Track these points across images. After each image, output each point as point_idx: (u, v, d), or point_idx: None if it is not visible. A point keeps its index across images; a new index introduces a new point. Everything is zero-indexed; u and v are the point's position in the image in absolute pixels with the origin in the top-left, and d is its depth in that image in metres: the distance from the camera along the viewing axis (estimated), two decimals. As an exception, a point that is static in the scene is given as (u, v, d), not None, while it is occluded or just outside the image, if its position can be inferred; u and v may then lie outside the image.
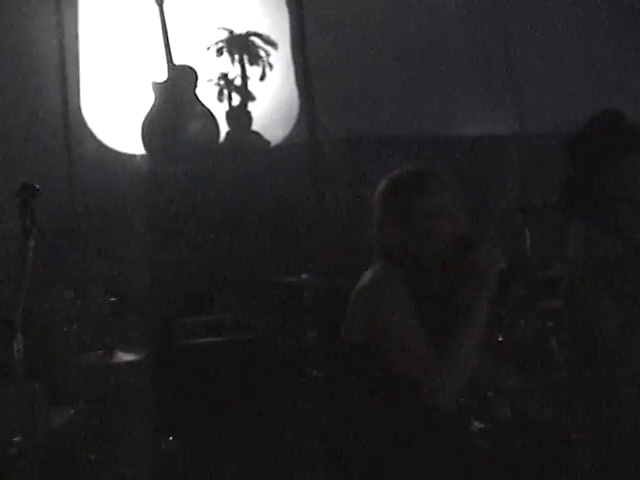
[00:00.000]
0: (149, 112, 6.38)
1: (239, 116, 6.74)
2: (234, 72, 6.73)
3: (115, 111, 6.38)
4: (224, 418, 5.84)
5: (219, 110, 6.65)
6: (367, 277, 2.71)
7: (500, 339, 4.62)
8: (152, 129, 6.39)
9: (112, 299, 4.47)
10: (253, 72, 6.77)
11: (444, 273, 2.74)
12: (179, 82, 6.43)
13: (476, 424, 4.23)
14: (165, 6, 6.36)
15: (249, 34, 6.74)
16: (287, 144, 6.82)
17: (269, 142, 6.81)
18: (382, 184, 2.77)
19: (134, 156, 6.43)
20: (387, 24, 6.87)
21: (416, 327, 2.59)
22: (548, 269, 5.68)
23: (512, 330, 4.64)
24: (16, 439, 3.39)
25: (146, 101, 6.41)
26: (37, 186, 2.68)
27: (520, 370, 4.44)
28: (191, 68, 6.46)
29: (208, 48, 6.63)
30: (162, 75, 6.42)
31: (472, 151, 7.12)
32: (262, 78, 6.79)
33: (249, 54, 6.72)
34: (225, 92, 6.69)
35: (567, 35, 7.25)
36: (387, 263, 2.71)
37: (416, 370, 2.54)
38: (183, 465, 5.48)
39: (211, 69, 6.64)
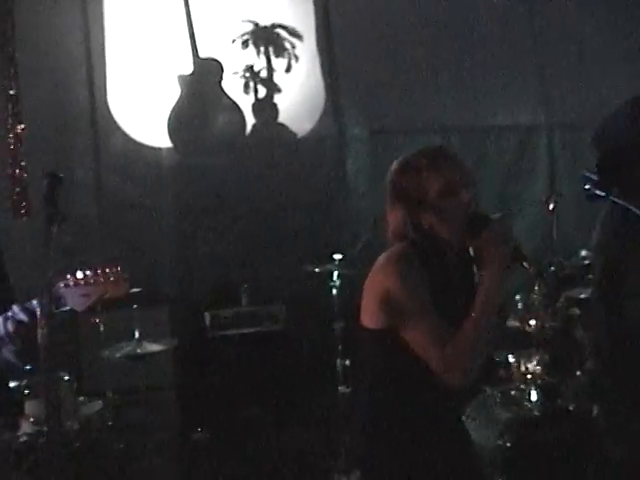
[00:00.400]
0: (175, 105, 6.41)
1: (265, 108, 6.72)
2: (260, 64, 6.71)
3: (142, 105, 6.39)
4: (253, 410, 5.87)
5: (245, 102, 6.65)
6: (380, 260, 2.69)
7: (530, 326, 4.59)
8: (178, 122, 6.41)
9: (135, 290, 4.45)
10: (279, 64, 6.75)
11: (458, 252, 2.73)
12: (205, 75, 6.45)
13: (502, 413, 4.23)
14: (190, -1, 6.38)
15: (274, 26, 6.72)
16: (313, 136, 6.79)
17: (295, 134, 6.78)
18: (394, 165, 2.74)
19: (161, 149, 6.44)
20: (413, 15, 6.83)
21: (429, 307, 2.58)
22: (574, 258, 5.66)
23: (540, 318, 4.59)
24: (45, 428, 3.41)
25: (172, 94, 6.43)
26: (61, 175, 2.71)
27: (548, 358, 4.43)
28: (217, 61, 6.48)
29: (233, 41, 6.61)
30: (188, 68, 6.44)
31: (499, 141, 7.12)
32: (288, 70, 6.76)
33: (275, 46, 6.71)
34: (251, 84, 6.67)
35: (594, 25, 7.15)
36: (400, 245, 2.70)
37: (430, 350, 2.55)
38: (211, 456, 5.50)
39: (237, 61, 6.62)
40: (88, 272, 2.74)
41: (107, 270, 2.76)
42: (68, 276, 2.71)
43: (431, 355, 2.55)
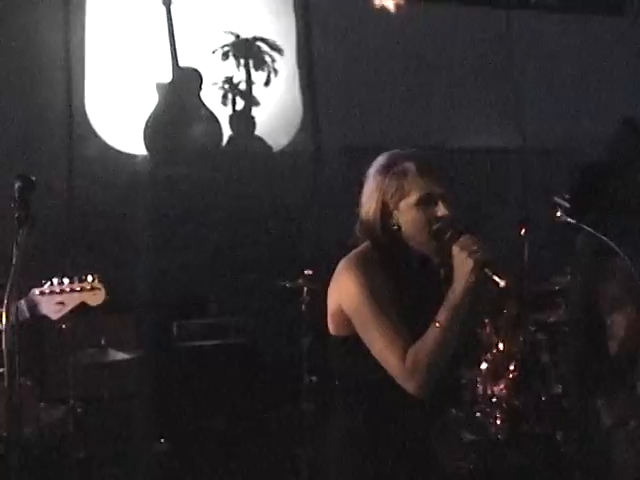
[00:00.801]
0: (152, 113, 6.37)
1: (242, 121, 6.72)
2: (239, 76, 6.71)
3: (119, 111, 6.35)
4: (217, 421, 5.82)
5: (223, 114, 6.64)
6: (341, 264, 2.67)
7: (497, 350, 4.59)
8: (155, 130, 6.38)
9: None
10: (258, 77, 6.75)
11: (424, 261, 2.69)
12: (184, 84, 6.42)
13: (467, 435, 4.22)
14: (172, 8, 6.37)
15: (255, 39, 6.72)
16: (289, 150, 6.81)
17: (272, 148, 6.80)
18: (380, 158, 2.70)
19: (136, 157, 6.41)
20: (393, 34, 6.87)
21: (389, 313, 2.55)
22: (544, 282, 5.67)
23: (507, 341, 4.59)
24: (4, 434, 3.36)
25: (150, 102, 6.40)
26: (33, 178, 2.69)
27: (514, 381, 4.42)
28: (196, 71, 6.46)
29: (214, 51, 6.61)
30: (167, 76, 6.42)
31: (474, 164, 7.12)
32: (267, 83, 6.78)
33: (254, 59, 6.71)
34: (229, 96, 6.66)
35: (570, 49, 7.24)
36: (362, 247, 2.68)
37: (389, 357, 2.52)
38: (173, 467, 5.45)
39: (216, 72, 6.62)
40: (65, 280, 2.72)
41: (84, 278, 2.74)
42: (44, 282, 2.69)
43: (390, 363, 2.52)
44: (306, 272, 5.56)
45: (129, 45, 6.35)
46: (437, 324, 2.49)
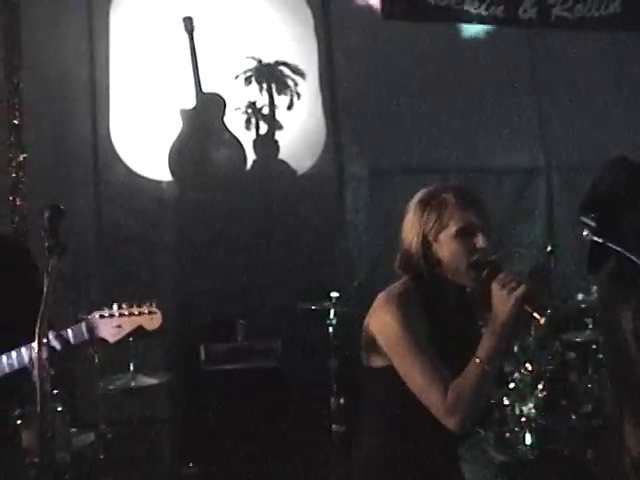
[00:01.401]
0: (177, 139, 6.44)
1: (266, 144, 6.74)
2: (262, 101, 6.74)
3: (144, 137, 6.41)
4: (246, 446, 5.79)
5: (246, 138, 6.68)
6: (380, 297, 2.68)
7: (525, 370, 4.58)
8: (180, 156, 6.44)
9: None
10: (281, 101, 6.77)
11: (460, 294, 2.72)
12: (207, 110, 6.48)
13: (497, 456, 4.20)
14: (195, 34, 6.44)
15: (277, 63, 6.76)
16: (313, 173, 6.80)
17: (295, 171, 6.80)
18: (419, 194, 2.74)
19: (161, 182, 6.47)
20: (414, 57, 6.86)
21: (429, 348, 2.57)
22: (571, 302, 5.65)
23: (535, 361, 4.58)
24: (36, 460, 3.39)
25: (174, 128, 6.46)
26: (62, 207, 2.75)
27: (543, 401, 4.41)
28: (219, 96, 6.52)
29: (237, 77, 6.65)
30: (191, 102, 6.48)
31: (497, 183, 7.13)
32: (290, 107, 6.79)
33: (277, 83, 6.74)
34: (253, 120, 6.70)
35: (594, 68, 7.20)
36: (401, 281, 2.71)
37: (429, 394, 2.54)
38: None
39: (239, 97, 6.65)
40: (123, 305, 2.82)
41: (141, 304, 2.84)
42: (104, 307, 2.78)
43: (430, 399, 2.54)
44: (332, 294, 5.62)
45: (152, 72, 6.42)
46: (478, 360, 2.52)
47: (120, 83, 6.42)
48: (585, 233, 3.12)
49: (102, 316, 2.81)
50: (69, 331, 2.86)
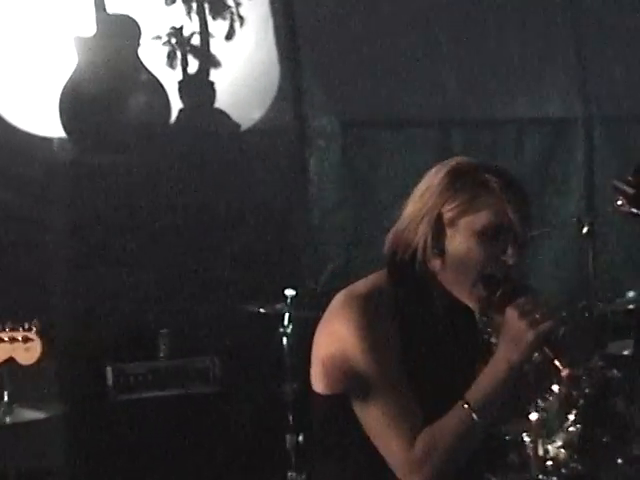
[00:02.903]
0: (70, 80, 6.33)
1: (198, 88, 6.72)
2: (191, 27, 6.67)
3: (25, 79, 6.26)
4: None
5: (170, 79, 6.62)
6: (337, 300, 2.69)
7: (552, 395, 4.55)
8: (75, 104, 6.35)
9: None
10: (217, 28, 6.71)
11: (453, 307, 2.68)
12: (114, 38, 6.40)
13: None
14: None
15: (213, -27, 6.77)
16: (264, 128, 6.79)
17: (239, 125, 6.79)
18: (447, 162, 2.70)
19: (51, 140, 6.38)
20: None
21: (396, 377, 2.56)
22: (618, 300, 5.65)
23: (572, 385, 4.54)
24: None
25: (67, 65, 6.35)
26: None
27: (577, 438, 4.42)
28: (132, 19, 6.42)
29: (156, -8, 6.63)
30: (90, 29, 6.37)
31: (519, 140, 7.25)
32: (229, 37, 6.73)
33: (211, 2, 6.65)
34: (178, 54, 6.64)
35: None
36: (376, 275, 2.72)
37: (389, 440, 2.53)
38: None
39: (160, 22, 6.57)
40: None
41: (15, 325, 2.76)
42: None
43: (389, 447, 2.53)
44: (288, 292, 5.63)
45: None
46: (465, 405, 2.50)
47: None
48: (619, 203, 3.02)
49: None
50: None
